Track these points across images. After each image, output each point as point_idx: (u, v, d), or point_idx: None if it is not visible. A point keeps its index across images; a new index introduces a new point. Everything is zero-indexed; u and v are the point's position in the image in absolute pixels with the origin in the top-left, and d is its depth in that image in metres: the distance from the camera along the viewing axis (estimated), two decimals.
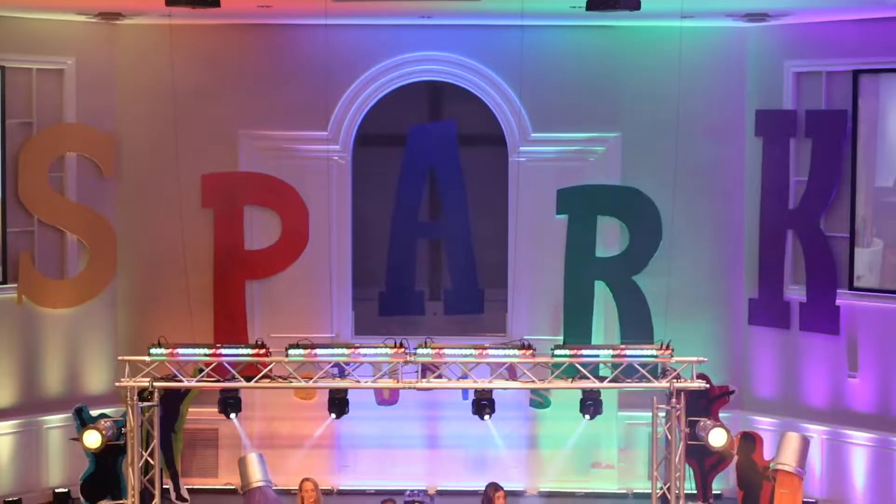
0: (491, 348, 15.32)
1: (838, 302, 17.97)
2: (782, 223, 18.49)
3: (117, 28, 18.91)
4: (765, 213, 18.63)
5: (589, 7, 15.01)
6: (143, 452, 15.35)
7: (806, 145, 18.28)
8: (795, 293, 18.43)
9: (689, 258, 18.76)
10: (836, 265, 18.01)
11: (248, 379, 15.28)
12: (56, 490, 18.56)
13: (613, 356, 15.17)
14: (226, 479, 18.78)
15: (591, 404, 15.40)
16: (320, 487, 16.15)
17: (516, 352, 15.25)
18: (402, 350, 15.12)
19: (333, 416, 15.72)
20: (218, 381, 15.37)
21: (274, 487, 16.41)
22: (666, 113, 18.47)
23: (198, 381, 15.41)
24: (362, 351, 15.28)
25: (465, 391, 16.86)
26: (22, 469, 18.50)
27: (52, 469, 18.69)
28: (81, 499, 16.89)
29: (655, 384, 15.13)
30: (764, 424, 18.44)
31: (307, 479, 15.77)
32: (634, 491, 18.73)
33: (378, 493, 18.04)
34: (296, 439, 18.70)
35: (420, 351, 15.14)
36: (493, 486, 15.80)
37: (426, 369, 15.41)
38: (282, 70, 18.91)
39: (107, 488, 16.59)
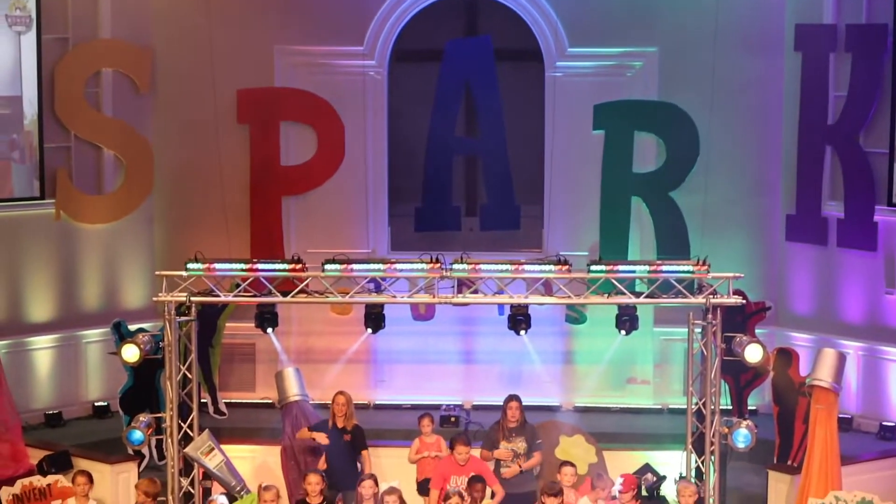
0: (527, 264, 15.22)
1: (876, 218, 17.87)
2: (821, 138, 18.35)
3: None
4: (803, 128, 18.50)
5: None
6: (181, 366, 15.41)
7: (846, 60, 18.09)
8: (833, 209, 18.33)
9: (726, 174, 18.67)
10: (874, 181, 17.88)
11: (285, 294, 15.25)
12: (95, 403, 18.78)
13: (650, 272, 15.07)
14: (263, 393, 18.91)
15: (626, 320, 15.32)
16: (356, 402, 16.12)
17: (552, 267, 15.14)
18: (439, 265, 15.06)
19: (369, 330, 15.66)
20: (255, 295, 15.33)
21: (310, 402, 16.51)
22: (704, 27, 18.34)
23: (234, 295, 15.39)
24: (398, 266, 15.20)
25: (500, 306, 16.81)
26: (62, 383, 18.69)
27: (91, 383, 18.87)
28: (120, 412, 17.03)
29: (691, 300, 15.04)
30: (800, 340, 18.43)
31: (340, 393, 15.72)
32: (669, 406, 18.77)
33: (414, 407, 18.16)
34: (332, 354, 18.78)
35: (456, 266, 15.05)
36: (509, 397, 15.76)
37: (462, 285, 15.31)
38: None
39: (145, 402, 16.71)
